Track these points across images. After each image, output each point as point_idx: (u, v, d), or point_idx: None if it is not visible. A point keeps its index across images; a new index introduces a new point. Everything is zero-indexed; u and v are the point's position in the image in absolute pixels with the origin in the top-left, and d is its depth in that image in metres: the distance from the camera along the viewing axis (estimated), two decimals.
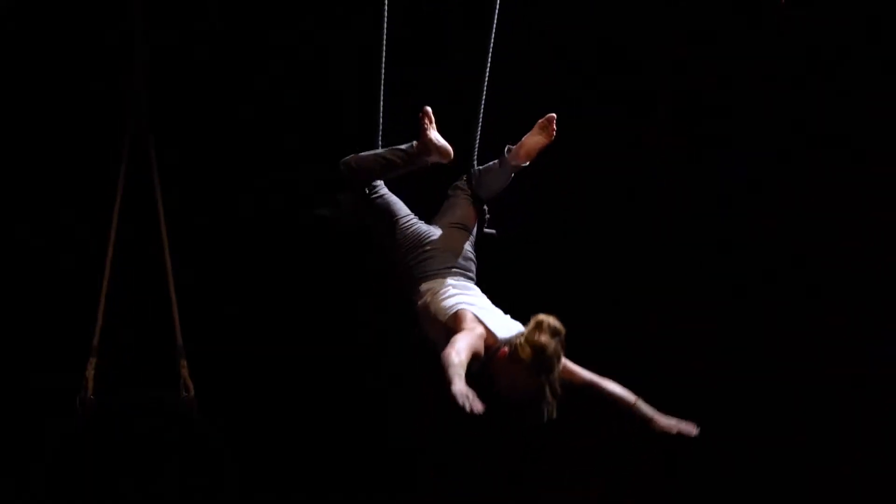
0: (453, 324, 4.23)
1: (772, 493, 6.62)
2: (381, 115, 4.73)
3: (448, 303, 4.32)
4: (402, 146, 4.60)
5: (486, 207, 4.70)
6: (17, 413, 6.11)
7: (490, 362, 4.17)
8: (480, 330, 4.19)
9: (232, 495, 5.89)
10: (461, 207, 4.65)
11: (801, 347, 6.61)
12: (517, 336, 4.16)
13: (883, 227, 6.55)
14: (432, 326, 4.35)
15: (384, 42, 4.71)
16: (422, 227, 4.57)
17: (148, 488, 6.14)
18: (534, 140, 4.65)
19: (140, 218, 5.64)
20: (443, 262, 4.44)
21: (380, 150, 4.65)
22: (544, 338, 4.09)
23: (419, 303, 4.40)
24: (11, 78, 6.21)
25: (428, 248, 4.48)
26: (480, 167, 4.71)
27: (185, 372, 5.48)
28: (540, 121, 4.66)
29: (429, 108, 4.55)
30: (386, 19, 4.72)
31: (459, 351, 3.97)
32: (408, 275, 4.46)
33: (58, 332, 6.11)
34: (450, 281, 4.40)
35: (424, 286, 4.40)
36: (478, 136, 4.76)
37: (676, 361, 6.68)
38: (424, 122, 4.55)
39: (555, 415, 4.13)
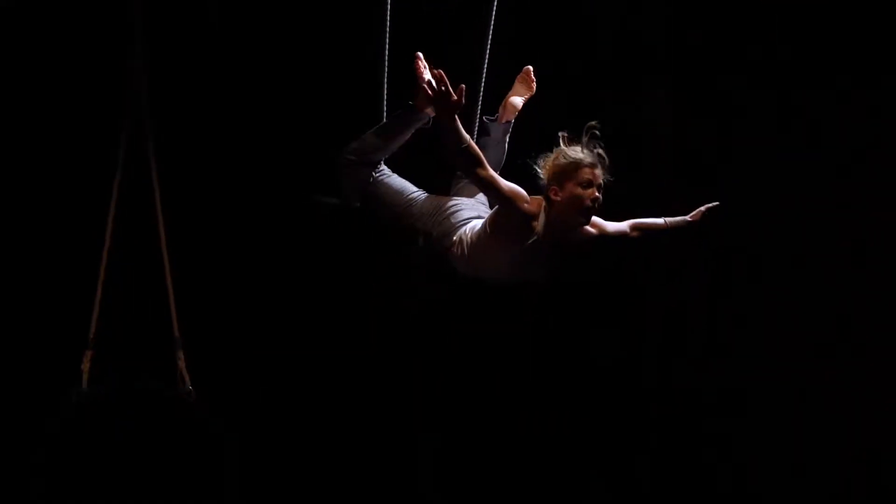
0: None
1: None
2: (385, 104, 4.73)
3: (481, 220, 4.40)
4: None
5: None
6: (12, 406, 6.07)
7: (549, 209, 4.23)
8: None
9: (231, 491, 5.87)
10: (469, 188, 4.67)
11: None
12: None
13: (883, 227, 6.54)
14: (479, 245, 4.35)
15: (387, 32, 4.68)
16: (433, 196, 4.64)
17: (146, 483, 6.10)
18: (516, 94, 4.83)
19: (137, 210, 5.62)
20: (467, 214, 4.50)
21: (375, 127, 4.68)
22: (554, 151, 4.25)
23: (457, 251, 4.42)
24: (11, 75, 6.20)
25: (448, 207, 4.54)
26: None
27: (181, 364, 5.48)
28: (518, 76, 4.83)
29: (419, 53, 4.52)
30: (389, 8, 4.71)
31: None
32: (435, 236, 4.48)
33: (54, 324, 6.08)
34: (476, 221, 4.45)
35: (456, 236, 4.44)
36: (477, 117, 4.78)
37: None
38: (419, 67, 4.52)
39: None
